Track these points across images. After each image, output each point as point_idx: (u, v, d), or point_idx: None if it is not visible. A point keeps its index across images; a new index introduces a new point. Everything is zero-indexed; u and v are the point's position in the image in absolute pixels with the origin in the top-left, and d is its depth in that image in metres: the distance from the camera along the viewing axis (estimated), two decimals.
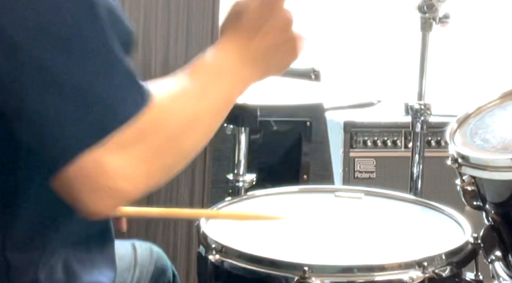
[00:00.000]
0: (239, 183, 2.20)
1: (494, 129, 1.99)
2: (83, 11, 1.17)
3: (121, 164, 1.16)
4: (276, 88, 2.15)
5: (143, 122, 1.18)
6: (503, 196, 1.88)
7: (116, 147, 1.16)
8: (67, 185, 1.17)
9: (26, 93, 1.15)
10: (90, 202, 1.17)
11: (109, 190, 1.17)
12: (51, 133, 1.16)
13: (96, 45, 1.17)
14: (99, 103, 1.16)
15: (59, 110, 1.15)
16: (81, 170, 1.15)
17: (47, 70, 1.15)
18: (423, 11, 2.29)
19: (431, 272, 1.61)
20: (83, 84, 1.15)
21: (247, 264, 1.62)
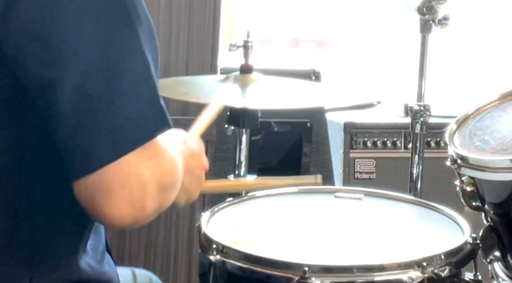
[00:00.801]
0: None
1: (493, 130, 1.99)
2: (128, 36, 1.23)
3: (151, 179, 1.24)
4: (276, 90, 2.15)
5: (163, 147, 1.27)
6: (502, 196, 1.88)
7: (145, 159, 1.23)
8: (97, 192, 1.21)
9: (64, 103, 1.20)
10: (119, 209, 1.22)
11: (139, 201, 1.23)
12: (86, 140, 1.21)
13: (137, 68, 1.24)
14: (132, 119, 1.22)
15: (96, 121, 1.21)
16: (119, 177, 1.21)
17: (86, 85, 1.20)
18: (422, 13, 2.29)
19: (430, 272, 1.61)
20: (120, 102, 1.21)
21: (248, 265, 1.62)
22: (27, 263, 1.32)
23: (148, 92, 1.25)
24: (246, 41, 2.21)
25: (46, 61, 1.19)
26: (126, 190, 1.21)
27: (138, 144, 1.22)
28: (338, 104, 3.02)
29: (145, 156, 1.23)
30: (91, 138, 1.20)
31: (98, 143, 1.20)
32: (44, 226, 1.32)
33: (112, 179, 1.21)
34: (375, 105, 3.22)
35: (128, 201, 1.22)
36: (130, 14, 1.24)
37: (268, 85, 2.16)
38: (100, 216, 1.23)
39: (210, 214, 1.87)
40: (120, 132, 1.21)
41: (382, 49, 3.90)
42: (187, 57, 2.74)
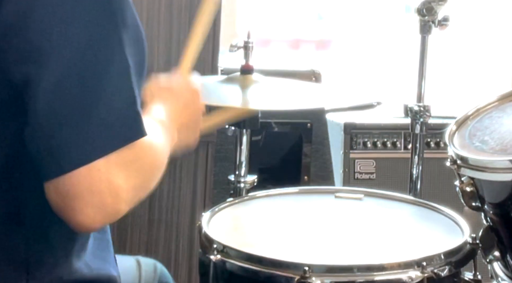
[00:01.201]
0: (241, 184, 2.20)
1: (492, 131, 1.99)
2: (110, 39, 1.22)
3: (124, 186, 1.21)
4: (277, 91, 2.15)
5: (139, 147, 1.24)
6: (501, 197, 1.88)
7: (119, 165, 1.20)
8: (65, 195, 1.19)
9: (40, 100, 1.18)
10: (88, 215, 1.20)
11: (110, 207, 1.21)
12: (58, 141, 1.19)
13: (116, 73, 1.22)
14: (107, 123, 1.20)
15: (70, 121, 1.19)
16: (88, 182, 1.18)
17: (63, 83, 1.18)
18: (422, 14, 2.29)
19: (430, 271, 1.61)
20: (96, 105, 1.20)
21: (248, 264, 1.63)
22: (23, 263, 1.31)
23: (125, 98, 1.23)
24: (246, 42, 2.21)
25: (27, 57, 1.18)
26: (97, 196, 1.19)
27: (110, 150, 1.20)
28: (338, 104, 3.02)
29: (119, 162, 1.21)
30: (63, 140, 1.18)
31: (70, 145, 1.18)
32: (41, 226, 1.31)
33: (82, 184, 1.18)
34: (375, 106, 3.22)
35: (98, 208, 1.19)
36: (116, 17, 1.23)
37: (269, 86, 2.16)
38: (69, 220, 1.22)
39: (211, 214, 1.87)
40: (92, 136, 1.19)
41: (382, 50, 3.89)
42: None
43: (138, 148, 1.24)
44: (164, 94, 1.50)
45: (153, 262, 1.81)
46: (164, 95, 1.50)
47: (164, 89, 1.53)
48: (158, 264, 1.81)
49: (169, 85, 1.54)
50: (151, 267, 1.78)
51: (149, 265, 1.79)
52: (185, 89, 1.55)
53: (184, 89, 1.55)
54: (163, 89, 1.52)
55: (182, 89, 1.55)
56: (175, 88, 1.53)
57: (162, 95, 1.49)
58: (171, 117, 1.44)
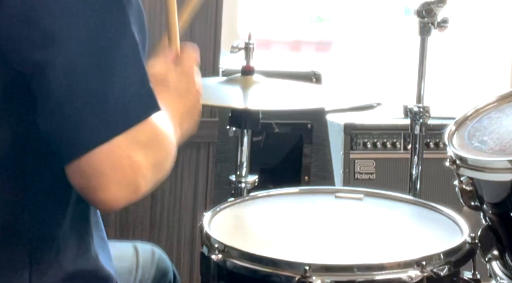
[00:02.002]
0: (242, 184, 2.20)
1: (491, 131, 1.99)
2: (117, 17, 1.22)
3: (144, 162, 1.22)
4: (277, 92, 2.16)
5: (153, 125, 1.25)
6: (500, 196, 1.89)
7: (137, 142, 1.22)
8: (89, 174, 1.20)
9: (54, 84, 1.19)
10: (112, 192, 1.21)
11: (132, 184, 1.22)
12: (76, 122, 1.19)
13: (127, 50, 1.23)
14: (123, 100, 1.21)
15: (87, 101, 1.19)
16: (111, 159, 1.19)
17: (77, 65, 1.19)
18: (422, 16, 2.29)
19: (429, 271, 1.61)
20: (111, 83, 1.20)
21: (249, 264, 1.63)
22: (27, 256, 1.31)
23: (138, 73, 1.24)
24: (247, 43, 2.21)
25: (37, 43, 1.19)
26: (119, 172, 1.20)
27: (129, 126, 1.21)
28: (338, 105, 3.02)
29: (136, 137, 1.21)
30: (81, 120, 1.19)
31: (88, 125, 1.19)
32: (44, 220, 1.32)
33: (104, 161, 1.19)
34: (375, 107, 3.22)
35: (121, 184, 1.20)
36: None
37: (269, 87, 2.16)
38: (94, 199, 1.22)
39: (212, 214, 1.87)
40: (110, 114, 1.20)
41: (381, 52, 3.90)
42: None
43: (152, 126, 1.25)
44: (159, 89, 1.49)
45: (150, 247, 1.81)
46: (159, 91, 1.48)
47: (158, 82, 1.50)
48: (156, 249, 1.81)
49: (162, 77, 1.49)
50: (149, 252, 1.78)
51: (147, 250, 1.79)
52: (179, 77, 1.50)
53: (178, 77, 1.50)
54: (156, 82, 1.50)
55: (176, 77, 1.50)
56: (168, 80, 1.49)
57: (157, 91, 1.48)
58: (170, 113, 1.44)
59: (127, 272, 1.71)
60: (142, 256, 1.77)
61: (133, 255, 1.76)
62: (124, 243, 1.78)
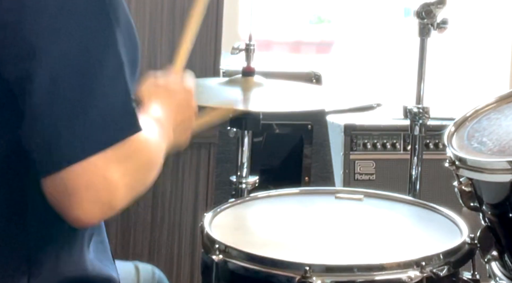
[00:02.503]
0: (242, 185, 2.20)
1: (490, 132, 1.99)
2: (104, 35, 1.22)
3: (121, 182, 1.21)
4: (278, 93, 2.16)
5: (135, 143, 1.24)
6: (499, 197, 1.88)
7: (116, 161, 1.21)
8: (62, 191, 1.19)
9: (35, 97, 1.18)
10: (84, 210, 1.20)
11: (106, 203, 1.21)
12: (54, 137, 1.19)
13: (111, 69, 1.22)
14: (103, 119, 1.20)
15: (66, 118, 1.19)
16: (85, 178, 1.19)
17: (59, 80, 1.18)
18: (421, 17, 2.29)
19: (429, 271, 1.61)
20: (92, 101, 1.20)
21: (250, 264, 1.63)
22: (25, 260, 1.31)
23: (120, 94, 1.23)
24: (248, 44, 2.21)
25: (22, 55, 1.18)
26: (93, 192, 1.19)
27: (107, 146, 1.20)
28: (338, 106, 3.02)
29: (115, 157, 1.21)
30: (59, 136, 1.18)
31: (66, 141, 1.18)
32: (42, 224, 1.31)
33: (78, 179, 1.18)
34: (375, 108, 3.22)
35: (94, 203, 1.20)
36: (108, 14, 1.23)
37: (270, 88, 2.16)
38: (66, 216, 1.22)
39: (213, 215, 1.88)
40: (89, 132, 1.19)
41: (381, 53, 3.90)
42: (190, 60, 2.73)
43: (134, 144, 1.24)
44: (160, 93, 1.50)
45: (151, 268, 1.81)
46: (159, 94, 1.50)
47: (160, 88, 1.53)
48: (157, 270, 1.81)
49: (164, 84, 1.54)
50: (149, 273, 1.78)
51: (148, 270, 1.79)
52: (180, 88, 1.55)
53: (179, 88, 1.55)
54: (158, 88, 1.52)
55: (177, 88, 1.55)
56: (170, 87, 1.54)
57: (157, 94, 1.50)
58: (166, 115, 1.45)
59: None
60: (143, 276, 1.76)
61: (134, 275, 1.76)
62: (125, 263, 1.78)
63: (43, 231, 1.32)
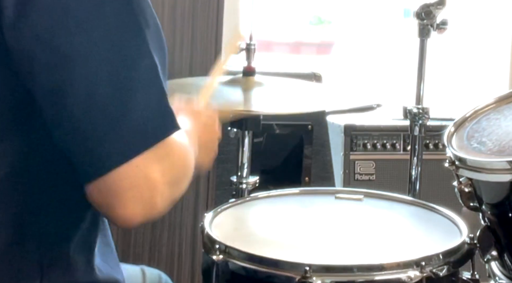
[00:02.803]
0: (243, 185, 2.20)
1: (490, 133, 1.99)
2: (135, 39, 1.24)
3: (161, 180, 1.24)
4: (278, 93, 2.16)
5: (172, 144, 1.27)
6: (499, 197, 1.88)
7: (155, 161, 1.23)
8: (108, 193, 1.22)
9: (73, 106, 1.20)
10: (130, 210, 1.23)
11: (149, 202, 1.24)
12: (95, 143, 1.21)
13: (145, 71, 1.24)
14: (141, 121, 1.23)
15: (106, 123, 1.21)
16: (128, 179, 1.21)
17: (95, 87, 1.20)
18: (421, 18, 2.29)
19: (428, 271, 1.61)
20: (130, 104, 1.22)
21: (250, 264, 1.63)
22: (37, 264, 1.32)
23: (156, 95, 1.25)
24: (248, 44, 2.21)
25: (55, 66, 1.19)
26: (136, 191, 1.22)
27: (147, 147, 1.22)
28: (338, 107, 3.02)
29: (154, 157, 1.23)
30: (100, 141, 1.20)
31: (108, 146, 1.21)
32: (53, 229, 1.32)
33: (122, 181, 1.21)
34: (374, 108, 3.22)
35: (138, 202, 1.22)
36: (138, 18, 1.24)
37: (270, 88, 2.16)
38: (112, 217, 1.24)
39: (213, 215, 1.88)
40: (129, 135, 1.21)
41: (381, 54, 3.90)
42: (190, 60, 2.74)
43: (170, 145, 1.26)
44: (187, 111, 1.53)
45: (158, 272, 1.81)
46: (187, 112, 1.52)
47: (187, 107, 1.55)
48: (163, 275, 1.82)
49: (190, 105, 1.57)
50: (156, 278, 1.79)
51: (154, 275, 1.79)
52: (205, 112, 1.59)
53: (204, 111, 1.59)
54: (186, 106, 1.55)
55: (203, 111, 1.59)
56: (195, 109, 1.57)
57: (185, 111, 1.51)
58: (193, 132, 1.46)
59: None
60: (149, 280, 1.77)
61: (140, 279, 1.76)
62: (131, 266, 1.78)
63: (56, 236, 1.33)
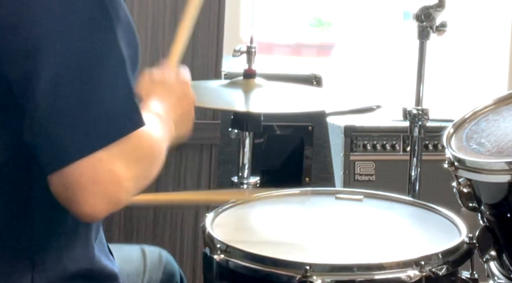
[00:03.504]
0: (244, 185, 2.20)
1: (489, 134, 1.99)
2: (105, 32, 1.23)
3: (126, 175, 1.22)
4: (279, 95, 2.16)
5: (138, 137, 1.25)
6: (497, 197, 1.88)
7: (120, 155, 1.21)
8: (69, 186, 1.20)
9: (39, 95, 1.19)
10: (92, 205, 1.21)
11: (113, 197, 1.22)
12: (59, 134, 1.19)
13: (112, 65, 1.23)
14: (106, 114, 1.21)
15: (70, 114, 1.19)
16: (91, 173, 1.19)
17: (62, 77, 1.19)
18: (420, 20, 2.29)
19: (428, 271, 1.61)
20: (95, 97, 1.20)
21: (251, 264, 1.63)
22: (29, 259, 1.32)
23: (122, 90, 1.24)
24: (249, 47, 2.21)
25: (24, 53, 1.18)
26: (99, 186, 1.20)
27: (111, 141, 1.20)
28: (339, 108, 3.02)
29: (119, 151, 1.21)
30: (63, 132, 1.19)
31: (71, 137, 1.19)
32: (47, 221, 1.32)
33: (85, 174, 1.19)
34: (374, 109, 3.22)
35: (101, 198, 1.20)
36: (109, 12, 1.23)
37: (271, 90, 2.16)
38: (74, 211, 1.22)
39: (214, 215, 1.88)
40: (93, 128, 1.20)
41: (381, 55, 3.90)
42: (192, 63, 2.74)
43: (137, 138, 1.25)
44: (158, 88, 1.51)
45: (158, 250, 1.81)
46: (157, 90, 1.50)
47: (157, 83, 1.53)
48: (164, 252, 1.81)
49: (160, 79, 1.54)
50: (156, 256, 1.78)
51: (154, 253, 1.79)
52: (177, 82, 1.56)
53: (176, 82, 1.56)
54: (156, 84, 1.53)
55: (174, 82, 1.55)
56: (166, 82, 1.54)
57: (155, 90, 1.50)
58: (166, 110, 1.45)
59: (135, 275, 1.71)
60: (150, 259, 1.77)
61: (140, 258, 1.76)
62: (131, 246, 1.78)
63: (48, 228, 1.33)
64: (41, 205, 1.30)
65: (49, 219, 1.32)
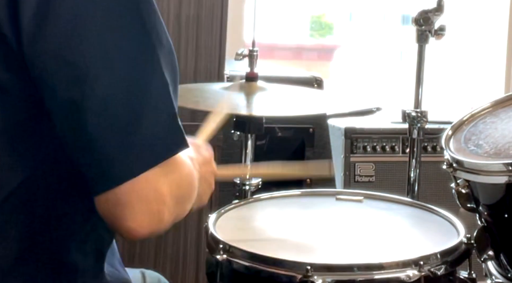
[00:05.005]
0: (246, 186, 2.20)
1: (487, 135, 1.99)
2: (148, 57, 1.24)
3: (168, 195, 1.24)
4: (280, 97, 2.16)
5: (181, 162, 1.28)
6: (495, 198, 1.88)
7: (163, 174, 1.23)
8: (118, 204, 1.21)
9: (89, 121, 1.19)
10: (137, 222, 1.22)
11: (156, 214, 1.24)
12: (109, 158, 1.21)
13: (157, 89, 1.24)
14: (153, 137, 1.23)
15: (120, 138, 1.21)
16: (138, 192, 1.21)
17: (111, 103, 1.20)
18: (419, 24, 2.29)
19: (427, 270, 1.61)
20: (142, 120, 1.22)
21: (253, 264, 1.63)
22: (51, 272, 1.31)
23: (166, 112, 1.25)
24: (251, 50, 2.21)
25: (72, 82, 1.19)
26: (145, 204, 1.22)
27: (157, 162, 1.22)
28: (339, 110, 3.02)
29: (163, 172, 1.23)
30: (112, 156, 1.20)
31: (119, 160, 1.20)
32: (63, 238, 1.31)
33: (131, 194, 1.21)
34: (374, 112, 3.22)
35: (146, 215, 1.22)
36: (151, 37, 1.24)
37: (273, 92, 2.16)
38: (120, 229, 1.24)
39: (217, 216, 1.88)
40: (139, 150, 1.21)
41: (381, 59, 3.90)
42: (195, 66, 2.74)
43: (178, 162, 1.27)
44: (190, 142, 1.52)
45: (157, 276, 1.81)
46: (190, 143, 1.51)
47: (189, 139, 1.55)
48: (162, 278, 1.82)
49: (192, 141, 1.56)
50: (155, 280, 1.79)
51: (154, 278, 1.79)
52: (204, 148, 1.59)
53: (203, 147, 1.59)
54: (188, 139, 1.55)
55: (202, 146, 1.58)
56: (195, 143, 1.56)
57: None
58: (195, 160, 1.45)
59: None
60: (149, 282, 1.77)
61: (140, 281, 1.76)
62: (131, 270, 1.78)
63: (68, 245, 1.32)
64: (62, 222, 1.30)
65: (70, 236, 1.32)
